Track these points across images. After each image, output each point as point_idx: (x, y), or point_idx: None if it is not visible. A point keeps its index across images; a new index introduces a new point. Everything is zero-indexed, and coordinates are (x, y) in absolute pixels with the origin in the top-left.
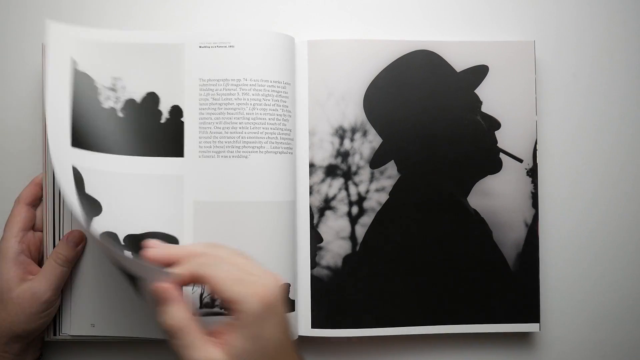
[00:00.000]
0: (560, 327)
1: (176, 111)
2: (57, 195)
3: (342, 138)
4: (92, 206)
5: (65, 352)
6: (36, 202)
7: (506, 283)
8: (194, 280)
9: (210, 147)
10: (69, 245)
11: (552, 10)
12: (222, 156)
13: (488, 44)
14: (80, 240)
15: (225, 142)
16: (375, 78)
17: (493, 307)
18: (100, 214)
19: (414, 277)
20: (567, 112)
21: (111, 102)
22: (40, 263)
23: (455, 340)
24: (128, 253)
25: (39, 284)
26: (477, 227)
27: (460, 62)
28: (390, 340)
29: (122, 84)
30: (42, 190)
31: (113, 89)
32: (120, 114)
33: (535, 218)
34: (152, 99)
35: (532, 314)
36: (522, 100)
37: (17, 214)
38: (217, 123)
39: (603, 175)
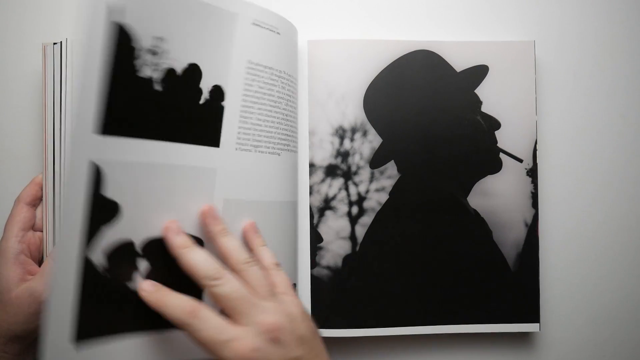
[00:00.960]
0: (560, 327)
1: (217, 92)
2: (57, 195)
3: (342, 138)
4: (105, 211)
5: None
6: (36, 202)
7: (506, 283)
8: None
9: (249, 139)
10: None
11: (552, 10)
12: (259, 151)
13: (488, 44)
14: None
15: (264, 136)
16: (375, 78)
17: (493, 307)
18: (115, 219)
19: (414, 277)
20: (567, 112)
21: (149, 70)
22: (40, 263)
23: (456, 340)
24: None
25: (39, 284)
26: (477, 227)
27: (460, 62)
28: (391, 340)
29: (165, 47)
30: (42, 190)
31: (153, 52)
32: (158, 87)
33: (535, 218)
34: (194, 72)
35: (532, 314)
36: (522, 100)
37: (17, 214)
38: (259, 114)
39: (603, 175)
